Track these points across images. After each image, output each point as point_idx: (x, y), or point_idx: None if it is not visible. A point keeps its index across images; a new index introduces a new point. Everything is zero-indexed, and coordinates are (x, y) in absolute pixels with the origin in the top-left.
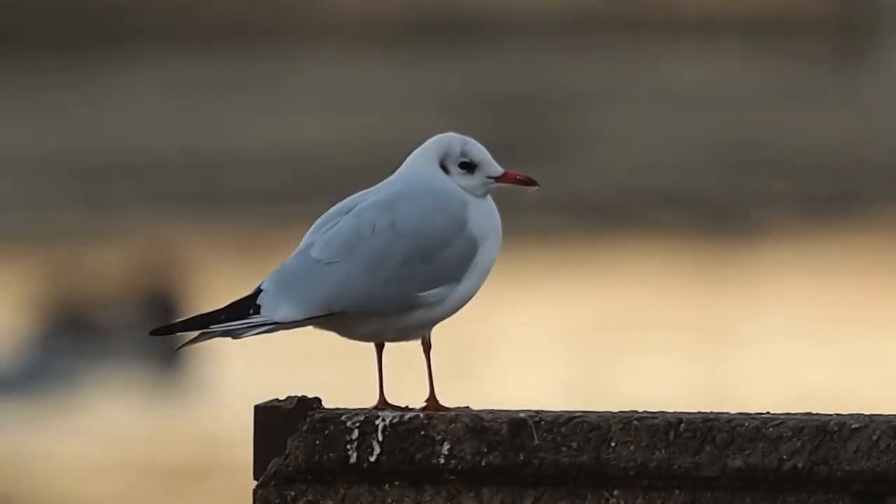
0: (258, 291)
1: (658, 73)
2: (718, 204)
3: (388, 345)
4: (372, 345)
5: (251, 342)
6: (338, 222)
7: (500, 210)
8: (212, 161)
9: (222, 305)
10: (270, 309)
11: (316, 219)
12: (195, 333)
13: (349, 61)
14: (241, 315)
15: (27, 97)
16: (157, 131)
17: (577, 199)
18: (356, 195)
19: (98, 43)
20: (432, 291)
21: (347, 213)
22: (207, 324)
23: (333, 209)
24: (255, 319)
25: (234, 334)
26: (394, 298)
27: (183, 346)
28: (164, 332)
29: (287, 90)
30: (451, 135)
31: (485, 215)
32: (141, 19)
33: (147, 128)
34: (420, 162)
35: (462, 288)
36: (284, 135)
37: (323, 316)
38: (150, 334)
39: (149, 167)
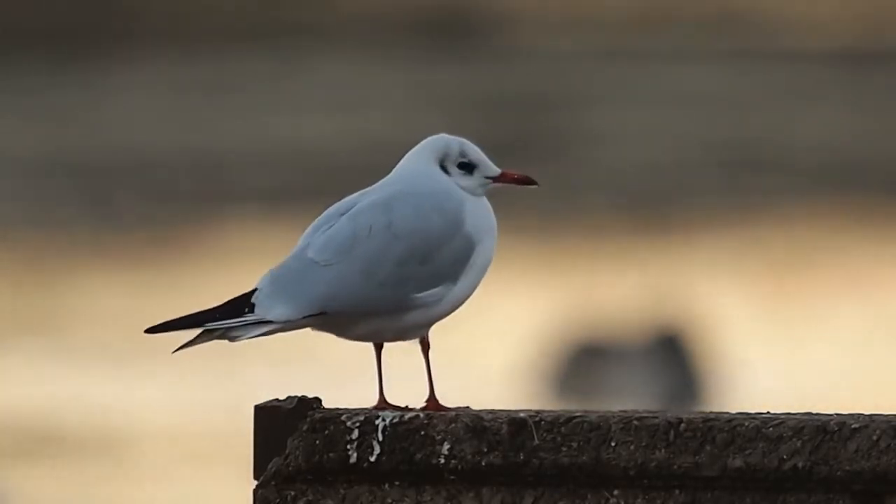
0: (254, 291)
1: (658, 74)
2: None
3: (386, 345)
4: (371, 345)
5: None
6: (335, 223)
7: (497, 210)
8: (211, 161)
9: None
10: (265, 308)
11: (315, 219)
12: (193, 335)
13: (349, 61)
14: (236, 313)
15: (26, 97)
16: (156, 131)
17: (577, 199)
18: (353, 195)
19: (98, 43)
20: (430, 292)
21: (343, 214)
22: (203, 321)
23: (331, 210)
24: (250, 318)
25: (231, 336)
26: (389, 300)
27: (180, 348)
28: (159, 331)
29: (287, 90)
30: (446, 136)
31: (481, 214)
32: (141, 19)
33: (145, 128)
34: (418, 162)
35: (459, 288)
36: (284, 135)
37: (316, 315)
38: (145, 332)
39: (147, 166)
